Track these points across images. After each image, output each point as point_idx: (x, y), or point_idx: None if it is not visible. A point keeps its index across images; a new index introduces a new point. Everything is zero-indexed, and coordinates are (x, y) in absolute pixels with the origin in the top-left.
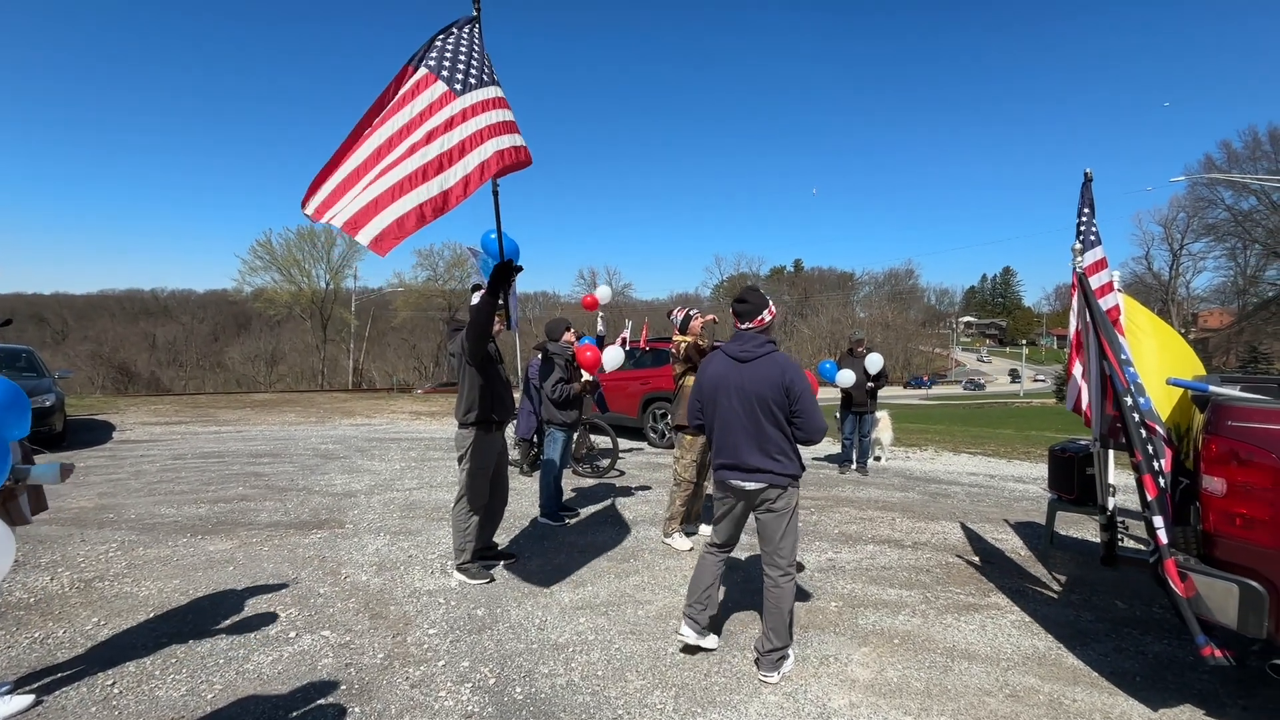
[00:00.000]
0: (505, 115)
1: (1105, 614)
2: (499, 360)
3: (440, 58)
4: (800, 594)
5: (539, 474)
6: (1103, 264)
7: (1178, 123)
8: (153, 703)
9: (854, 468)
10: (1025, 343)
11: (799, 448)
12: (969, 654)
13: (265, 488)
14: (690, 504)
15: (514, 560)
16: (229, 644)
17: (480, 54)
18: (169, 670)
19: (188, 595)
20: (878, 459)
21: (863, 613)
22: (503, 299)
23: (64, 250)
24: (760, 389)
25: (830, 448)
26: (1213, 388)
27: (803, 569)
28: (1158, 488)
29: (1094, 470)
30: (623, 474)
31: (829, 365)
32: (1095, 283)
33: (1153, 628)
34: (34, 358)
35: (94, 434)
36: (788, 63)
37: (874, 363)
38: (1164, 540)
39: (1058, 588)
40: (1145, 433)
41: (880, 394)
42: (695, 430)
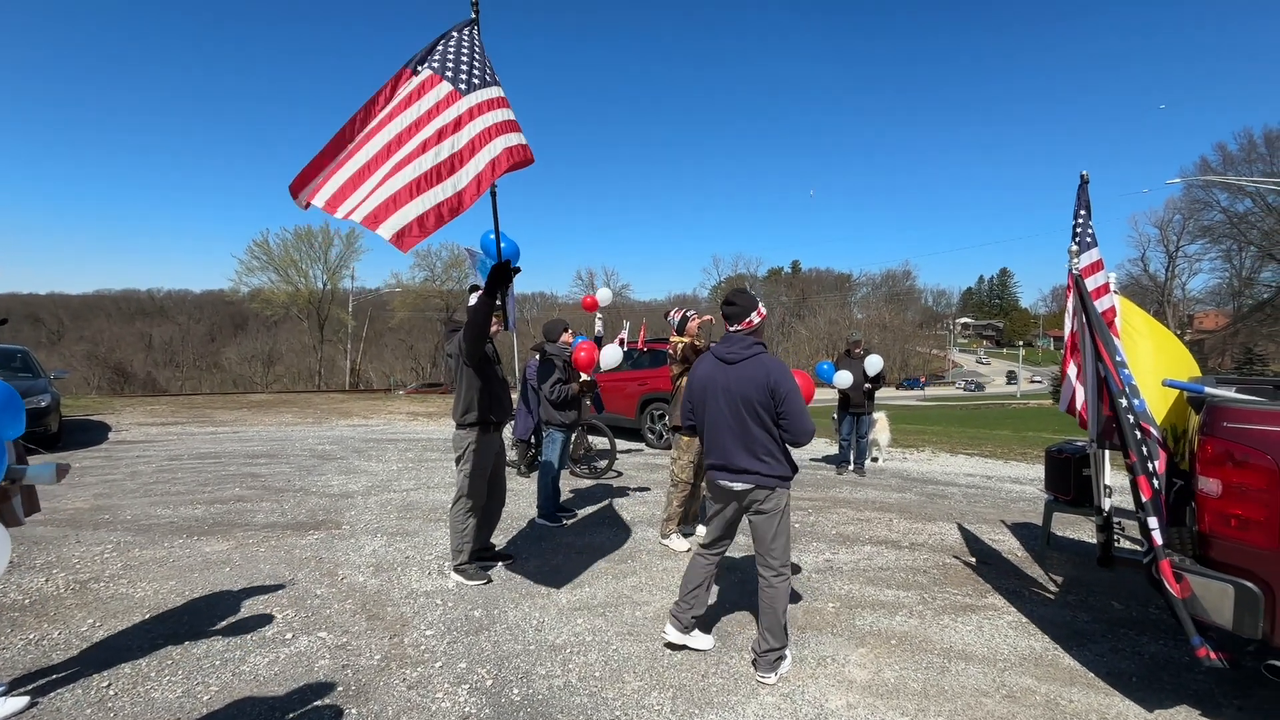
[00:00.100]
0: (508, 115)
1: (1101, 615)
2: (497, 361)
3: (444, 59)
4: (797, 595)
5: (537, 475)
6: (1099, 265)
7: (1173, 125)
8: (148, 704)
9: (851, 469)
10: (1022, 344)
11: (791, 449)
12: (966, 655)
13: (262, 489)
14: (687, 505)
15: (511, 561)
16: (225, 645)
17: (481, 55)
18: (165, 672)
19: (184, 596)
20: (875, 460)
21: (860, 614)
22: (500, 300)
23: (60, 250)
24: (746, 390)
25: (828, 449)
26: (1208, 389)
27: (799, 571)
28: (1152, 489)
29: (1090, 471)
30: (620, 475)
31: (826, 366)
32: (1091, 284)
33: (1149, 628)
34: (29, 358)
35: (90, 435)
36: (786, 63)
37: (874, 364)
38: (1159, 541)
39: (1054, 588)
40: (1140, 434)
41: (876, 395)
42: (689, 431)
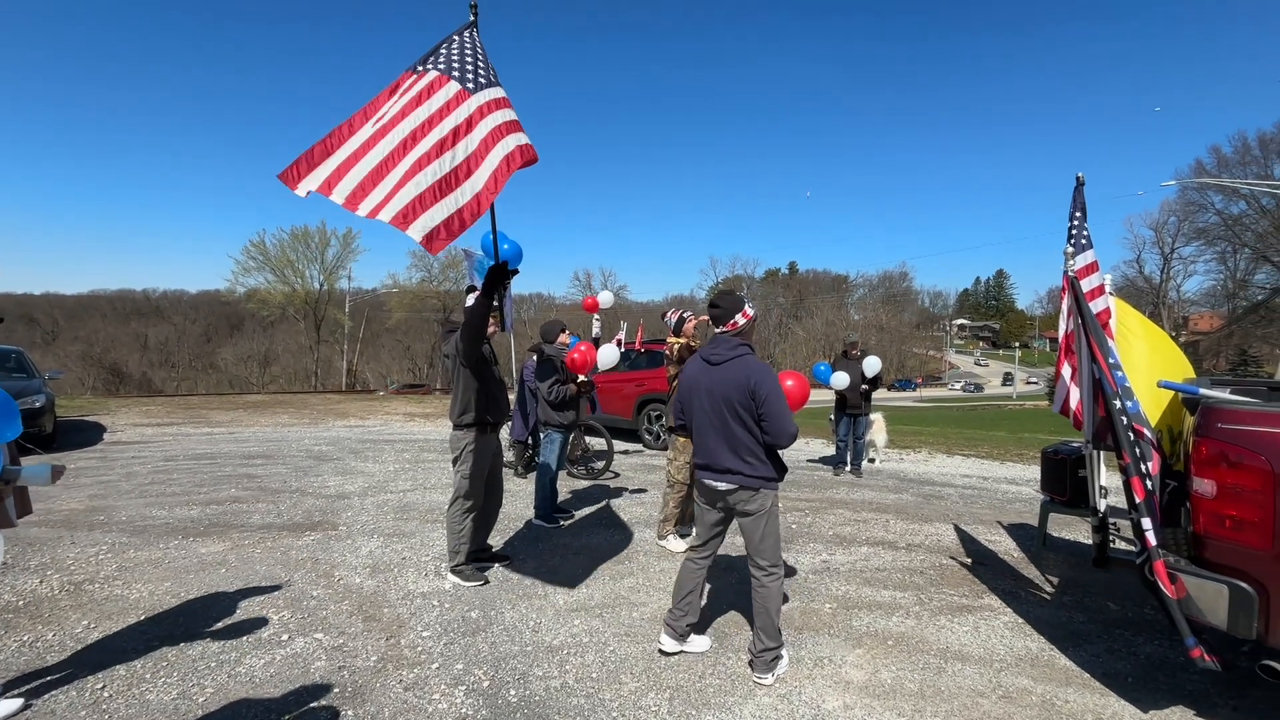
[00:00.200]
0: (511, 115)
1: (1097, 615)
2: (494, 362)
3: (449, 60)
4: (794, 596)
5: (534, 475)
6: (1094, 267)
7: (1169, 128)
8: (143, 706)
9: (848, 469)
10: (1018, 345)
11: (783, 452)
12: (962, 655)
13: (258, 489)
14: (684, 506)
15: (508, 562)
16: (221, 647)
17: (484, 56)
18: (160, 673)
19: (179, 598)
20: (872, 461)
21: (857, 614)
22: (497, 301)
23: (55, 250)
24: (727, 391)
25: (825, 450)
26: (1203, 390)
27: (794, 573)
28: (1145, 490)
29: (1086, 472)
30: (617, 476)
31: (823, 367)
32: (1087, 286)
33: (1144, 629)
34: (24, 358)
35: (85, 435)
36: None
37: (872, 365)
38: (1152, 542)
39: (1050, 589)
40: (1133, 435)
41: (873, 396)
42: (682, 431)
